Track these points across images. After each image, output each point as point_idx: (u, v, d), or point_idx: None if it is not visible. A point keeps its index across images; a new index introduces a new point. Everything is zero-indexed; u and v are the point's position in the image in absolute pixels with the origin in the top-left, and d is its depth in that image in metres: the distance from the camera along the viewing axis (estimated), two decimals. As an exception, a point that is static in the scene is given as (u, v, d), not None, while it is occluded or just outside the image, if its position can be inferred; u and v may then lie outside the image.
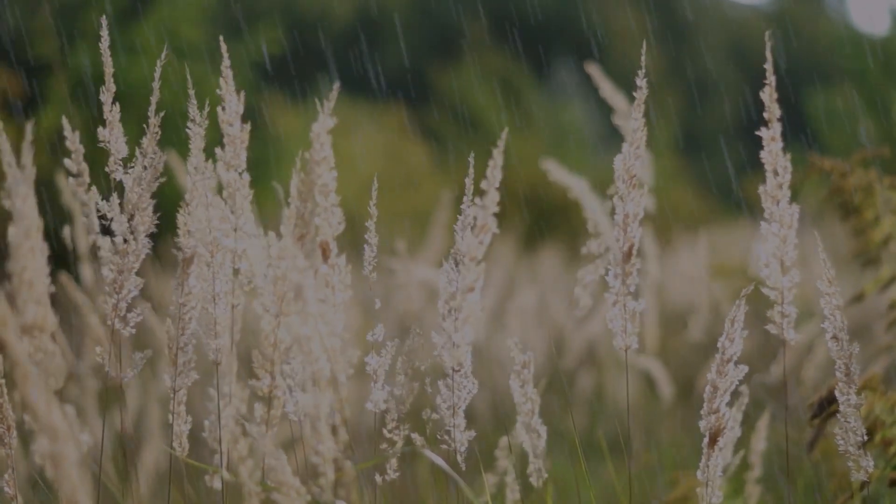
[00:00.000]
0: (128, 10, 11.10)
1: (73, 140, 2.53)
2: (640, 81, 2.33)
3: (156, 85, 2.35)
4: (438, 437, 2.31)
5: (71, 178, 2.54)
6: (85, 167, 2.53)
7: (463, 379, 2.29)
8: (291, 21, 22.07)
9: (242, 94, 2.35)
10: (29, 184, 2.65)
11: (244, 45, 12.83)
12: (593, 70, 4.38)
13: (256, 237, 2.29)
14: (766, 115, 2.35)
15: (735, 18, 31.67)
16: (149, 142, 2.34)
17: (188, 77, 2.43)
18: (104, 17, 2.42)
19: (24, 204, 2.64)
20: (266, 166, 10.27)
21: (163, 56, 2.34)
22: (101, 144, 2.37)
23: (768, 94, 2.35)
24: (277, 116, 14.49)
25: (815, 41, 25.68)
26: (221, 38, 2.40)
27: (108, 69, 2.36)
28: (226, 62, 2.34)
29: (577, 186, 3.60)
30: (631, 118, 2.33)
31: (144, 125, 2.36)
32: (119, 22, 10.94)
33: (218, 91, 2.35)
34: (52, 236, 2.91)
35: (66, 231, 3.46)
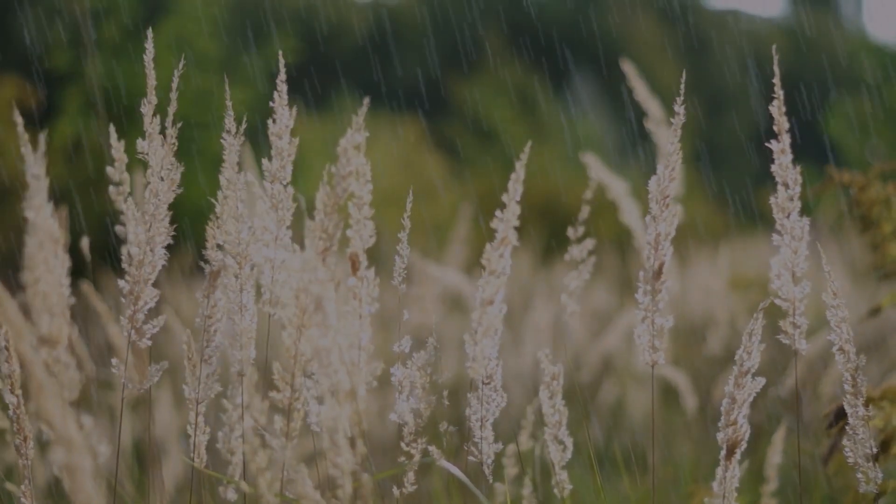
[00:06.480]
0: (141, 22, 11.13)
1: (117, 148, 2.51)
2: (678, 108, 2.32)
3: (173, 95, 2.33)
4: (466, 448, 2.30)
5: (112, 187, 2.53)
6: (126, 176, 2.52)
7: (492, 392, 2.29)
8: (308, 33, 22.11)
9: (294, 108, 2.33)
10: (43, 194, 2.64)
11: (261, 55, 12.85)
12: (628, 68, 4.32)
13: (294, 250, 2.27)
14: (775, 127, 2.35)
15: (751, 30, 31.65)
16: (166, 153, 2.33)
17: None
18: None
19: (38, 215, 2.64)
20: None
21: (180, 66, 2.33)
22: (140, 156, 2.33)
23: (777, 108, 2.34)
24: (293, 127, 14.49)
25: (831, 52, 25.62)
26: (280, 52, 2.36)
27: (151, 81, 2.32)
28: (282, 76, 2.32)
29: (615, 186, 3.56)
30: (667, 142, 2.32)
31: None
32: (132, 33, 10.97)
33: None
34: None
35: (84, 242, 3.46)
